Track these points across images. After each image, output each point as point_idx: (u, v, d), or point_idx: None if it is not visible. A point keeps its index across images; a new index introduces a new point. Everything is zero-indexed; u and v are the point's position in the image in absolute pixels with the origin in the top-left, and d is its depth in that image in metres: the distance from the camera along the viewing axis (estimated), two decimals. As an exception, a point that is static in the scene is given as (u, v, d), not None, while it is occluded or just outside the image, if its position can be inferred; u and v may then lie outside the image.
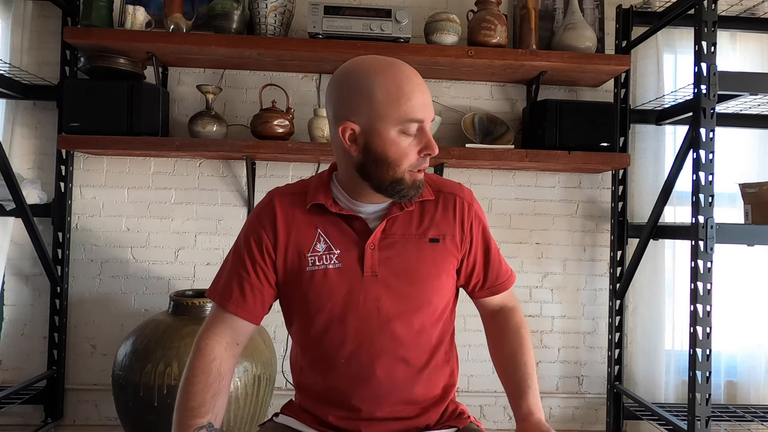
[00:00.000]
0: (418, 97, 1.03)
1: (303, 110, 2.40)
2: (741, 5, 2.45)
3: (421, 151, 1.05)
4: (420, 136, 1.05)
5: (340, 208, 1.11)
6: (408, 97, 1.02)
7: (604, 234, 2.54)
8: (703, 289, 1.86)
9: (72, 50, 2.32)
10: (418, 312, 1.10)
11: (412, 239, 1.12)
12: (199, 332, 1.11)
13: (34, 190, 2.25)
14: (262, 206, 1.15)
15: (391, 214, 1.11)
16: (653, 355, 2.46)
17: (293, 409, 1.19)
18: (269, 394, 2.05)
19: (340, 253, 1.09)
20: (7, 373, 2.35)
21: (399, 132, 1.03)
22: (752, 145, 2.55)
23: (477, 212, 1.19)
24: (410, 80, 1.04)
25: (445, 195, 1.17)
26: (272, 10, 2.19)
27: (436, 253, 1.13)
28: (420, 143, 1.05)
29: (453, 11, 2.32)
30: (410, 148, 1.05)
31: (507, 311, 1.23)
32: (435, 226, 1.14)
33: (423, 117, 1.04)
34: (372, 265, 1.09)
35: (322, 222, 1.11)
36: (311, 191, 1.13)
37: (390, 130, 1.03)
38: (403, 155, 1.04)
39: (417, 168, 1.06)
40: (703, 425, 1.82)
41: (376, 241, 1.10)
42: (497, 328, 1.22)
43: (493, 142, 2.39)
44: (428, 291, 1.11)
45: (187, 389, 1.04)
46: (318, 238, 1.10)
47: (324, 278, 1.08)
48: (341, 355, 1.09)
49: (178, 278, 2.41)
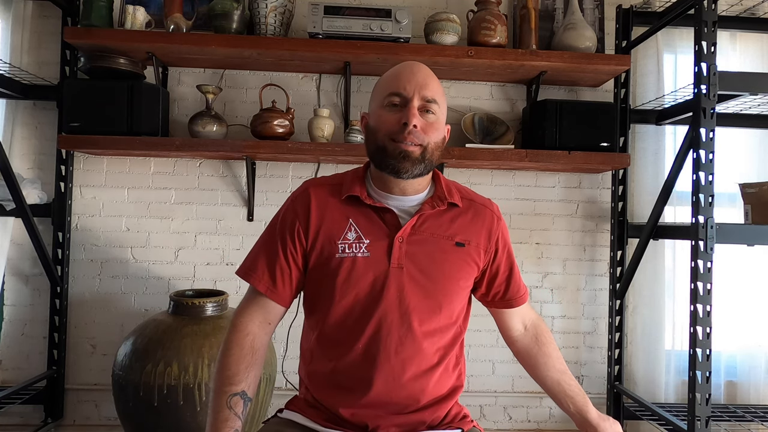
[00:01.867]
0: (404, 75, 1.14)
1: (303, 110, 2.40)
2: (741, 5, 2.45)
3: (400, 119, 1.11)
4: (402, 110, 1.12)
5: (374, 201, 1.16)
6: (395, 76, 1.15)
7: (604, 234, 2.54)
8: (703, 289, 1.86)
9: (72, 50, 2.32)
10: (438, 309, 1.15)
11: (440, 239, 1.16)
12: (235, 310, 1.18)
13: (34, 190, 2.25)
14: (298, 194, 1.21)
15: (423, 211, 1.16)
16: (653, 355, 2.46)
17: (298, 404, 1.21)
18: (269, 394, 2.05)
19: (369, 243, 1.14)
20: (7, 373, 2.35)
21: (382, 105, 1.14)
22: (752, 145, 2.55)
23: (503, 227, 1.25)
24: (406, 66, 1.17)
25: (476, 205, 1.23)
26: (272, 10, 2.19)
27: (460, 256, 1.17)
28: (401, 115, 1.12)
29: (453, 11, 2.32)
30: (391, 118, 1.13)
31: (539, 327, 1.32)
32: (463, 231, 1.19)
33: (400, 90, 1.12)
34: (399, 257, 1.13)
35: (354, 213, 1.16)
36: (347, 183, 1.19)
37: (377, 105, 1.16)
38: (384, 123, 1.13)
39: (397, 136, 1.11)
40: (703, 425, 1.82)
41: (405, 235, 1.14)
42: (541, 344, 1.30)
43: (493, 142, 2.39)
44: (449, 291, 1.16)
45: (223, 360, 1.11)
46: (349, 227, 1.15)
47: (352, 265, 1.13)
48: (359, 342, 1.12)
49: (178, 278, 2.41)
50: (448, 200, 1.18)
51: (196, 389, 1.84)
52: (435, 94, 1.14)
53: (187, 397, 1.84)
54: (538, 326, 1.31)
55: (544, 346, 1.29)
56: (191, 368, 1.85)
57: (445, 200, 1.18)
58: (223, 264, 2.43)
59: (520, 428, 2.49)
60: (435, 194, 1.19)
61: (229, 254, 2.43)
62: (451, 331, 1.17)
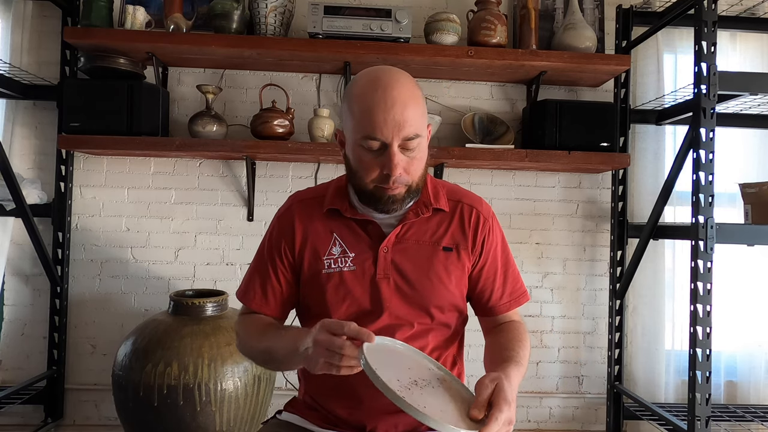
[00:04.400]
0: (378, 111, 1.01)
1: (303, 110, 2.40)
2: (741, 5, 2.45)
3: (383, 168, 1.04)
4: (382, 153, 1.04)
5: (355, 213, 1.14)
6: (369, 113, 1.02)
7: (604, 234, 2.54)
8: (703, 289, 1.86)
9: (72, 50, 2.32)
10: (427, 315, 1.13)
11: (426, 246, 1.14)
12: (235, 326, 1.22)
13: (34, 190, 2.25)
14: (282, 212, 1.21)
15: (407, 219, 1.14)
16: (653, 355, 2.46)
17: (297, 406, 1.20)
18: (269, 394, 2.05)
19: (354, 256, 1.13)
20: (7, 373, 2.35)
21: (360, 146, 1.05)
22: (752, 145, 2.54)
23: (492, 228, 1.19)
24: (378, 97, 1.02)
25: (463, 205, 1.19)
26: (272, 10, 2.19)
27: (450, 261, 1.15)
28: (383, 161, 1.04)
29: (453, 11, 2.32)
30: (373, 163, 1.05)
31: (510, 321, 1.21)
32: (450, 235, 1.16)
33: (377, 135, 1.02)
34: (385, 268, 1.12)
35: (338, 226, 1.15)
36: (329, 196, 1.17)
37: (354, 141, 1.07)
38: (366, 169, 1.06)
39: (383, 184, 1.06)
40: (703, 425, 1.82)
41: (389, 245, 1.13)
42: (496, 331, 1.20)
43: (493, 142, 2.39)
44: (436, 296, 1.13)
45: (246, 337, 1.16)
46: (334, 241, 1.14)
47: (339, 280, 1.12)
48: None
49: (178, 278, 2.41)
50: (434, 206, 1.15)
51: (196, 389, 1.84)
52: (415, 126, 1.04)
53: (187, 397, 1.83)
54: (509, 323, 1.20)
55: (495, 335, 1.18)
56: (191, 368, 1.85)
57: (430, 206, 1.15)
58: (223, 264, 2.43)
59: (520, 428, 2.48)
60: (420, 200, 1.15)
61: (229, 254, 2.43)
62: (446, 333, 1.16)
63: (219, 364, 1.87)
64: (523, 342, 1.12)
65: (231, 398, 1.88)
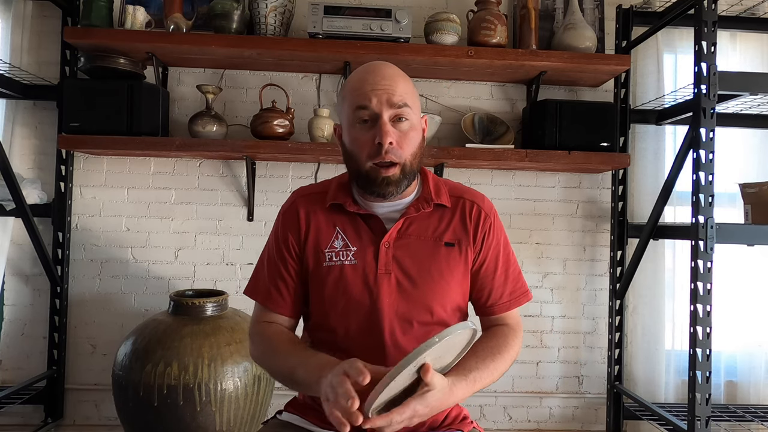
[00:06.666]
0: (368, 82, 1.08)
1: (303, 110, 2.40)
2: (741, 5, 2.45)
3: (374, 139, 1.08)
4: (374, 126, 1.08)
5: (358, 207, 1.15)
6: (359, 84, 1.09)
7: (604, 234, 2.54)
8: (703, 289, 1.86)
9: (72, 50, 2.32)
10: (428, 311, 1.13)
11: (427, 241, 1.15)
12: (249, 328, 1.21)
13: (34, 190, 2.25)
14: (286, 208, 1.22)
15: (408, 214, 1.14)
16: (653, 355, 2.46)
17: (297, 406, 1.21)
18: (269, 394, 2.05)
19: (356, 251, 1.13)
20: (7, 373, 2.35)
21: (353, 123, 1.10)
22: (752, 145, 2.54)
23: (493, 225, 1.19)
24: (369, 71, 1.10)
25: (465, 201, 1.19)
26: (272, 10, 2.19)
27: (451, 256, 1.15)
28: (374, 133, 1.08)
29: (453, 11, 2.32)
30: (366, 138, 1.09)
31: (503, 327, 1.19)
32: (452, 230, 1.16)
33: (366, 102, 1.07)
34: (386, 262, 1.12)
35: (341, 220, 1.16)
36: (331, 191, 1.18)
37: (348, 123, 1.11)
38: (361, 147, 1.09)
39: (375, 158, 1.08)
40: (703, 425, 1.82)
41: (391, 240, 1.13)
42: (484, 333, 1.19)
43: (493, 142, 2.39)
44: (438, 292, 1.13)
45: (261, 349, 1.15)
46: (336, 235, 1.15)
47: (340, 274, 1.13)
48: (353, 347, 1.11)
49: (178, 278, 2.41)
50: (435, 201, 1.16)
51: (196, 389, 1.84)
52: (404, 96, 1.09)
53: (187, 397, 1.83)
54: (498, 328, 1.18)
55: (481, 338, 1.16)
56: (191, 368, 1.85)
57: (431, 201, 1.15)
58: (223, 264, 2.43)
59: (520, 428, 2.49)
60: (421, 196, 1.16)
61: (229, 254, 2.43)
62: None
63: (219, 364, 1.88)
64: (496, 356, 1.09)
65: (231, 398, 1.88)
